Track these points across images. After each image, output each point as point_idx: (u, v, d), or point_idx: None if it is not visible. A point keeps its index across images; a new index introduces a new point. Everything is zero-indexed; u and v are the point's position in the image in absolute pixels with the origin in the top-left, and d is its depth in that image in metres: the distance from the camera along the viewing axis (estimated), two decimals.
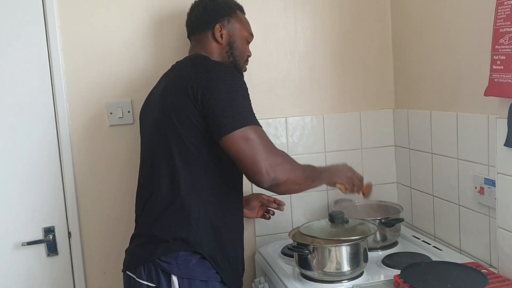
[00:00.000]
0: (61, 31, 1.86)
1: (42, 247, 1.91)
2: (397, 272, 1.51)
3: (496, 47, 1.39)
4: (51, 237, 1.90)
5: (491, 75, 1.42)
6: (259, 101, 1.79)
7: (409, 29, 2.02)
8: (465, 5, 1.66)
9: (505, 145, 1.40)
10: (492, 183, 1.55)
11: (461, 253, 1.78)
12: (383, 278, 1.61)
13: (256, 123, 1.45)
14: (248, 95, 1.49)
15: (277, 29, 2.03)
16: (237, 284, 1.62)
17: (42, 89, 1.86)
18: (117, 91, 1.93)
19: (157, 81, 1.93)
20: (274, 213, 1.97)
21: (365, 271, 1.64)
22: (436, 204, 1.92)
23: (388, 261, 1.71)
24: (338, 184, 1.62)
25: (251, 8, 1.85)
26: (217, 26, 1.63)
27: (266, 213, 1.96)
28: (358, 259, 1.59)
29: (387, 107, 2.19)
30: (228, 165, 1.52)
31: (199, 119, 1.46)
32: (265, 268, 1.86)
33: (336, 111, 2.13)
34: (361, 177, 1.67)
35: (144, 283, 1.49)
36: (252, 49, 1.76)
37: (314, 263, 1.58)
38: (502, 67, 1.37)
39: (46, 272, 1.92)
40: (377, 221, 1.83)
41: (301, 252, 1.59)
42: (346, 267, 1.58)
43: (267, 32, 2.03)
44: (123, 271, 1.58)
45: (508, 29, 1.35)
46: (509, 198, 1.42)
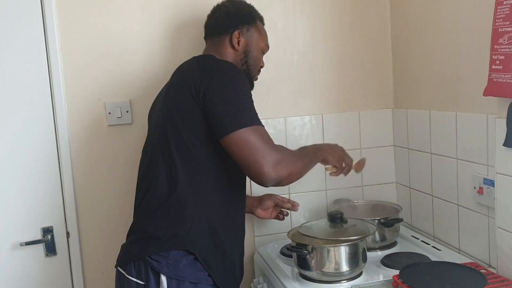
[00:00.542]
0: (60, 31, 1.86)
1: (41, 247, 1.91)
2: (396, 272, 1.51)
3: (495, 47, 1.39)
4: (49, 237, 1.89)
5: (490, 75, 1.42)
6: (258, 101, 1.77)
7: (408, 29, 2.02)
8: (464, 5, 1.65)
9: (504, 145, 1.40)
10: (491, 183, 1.55)
11: (460, 253, 1.78)
12: (382, 278, 1.60)
13: (258, 122, 1.45)
14: (251, 94, 1.50)
15: (276, 28, 2.02)
16: None
17: (40, 89, 1.86)
18: (116, 91, 1.93)
19: (156, 81, 1.93)
20: (288, 213, 1.96)
21: (364, 271, 1.64)
22: (435, 204, 1.92)
23: (387, 261, 1.71)
24: (330, 168, 1.64)
25: None
26: (235, 33, 1.64)
27: (280, 214, 1.95)
28: (357, 259, 1.59)
29: (386, 107, 2.18)
30: (229, 165, 1.51)
31: (201, 117, 1.45)
32: (264, 268, 1.86)
33: (335, 111, 2.13)
34: (351, 158, 1.69)
35: (133, 280, 1.49)
36: None
37: (313, 263, 1.58)
38: (501, 67, 1.37)
39: (44, 272, 1.91)
40: (376, 221, 1.83)
41: (300, 252, 1.59)
42: (345, 267, 1.58)
43: (266, 32, 2.03)
44: (115, 266, 1.58)
45: (507, 29, 1.35)
46: (508, 198, 1.42)
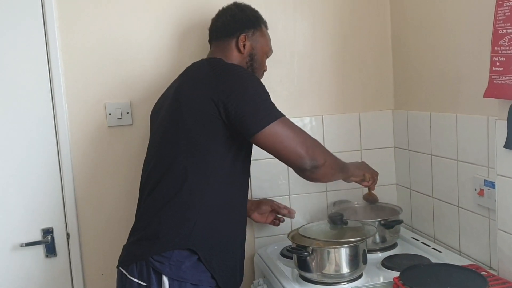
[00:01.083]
0: (60, 32, 1.86)
1: (41, 248, 1.91)
2: (397, 274, 1.51)
3: (496, 48, 1.39)
4: (49, 238, 1.89)
5: (490, 76, 1.41)
6: None
7: (408, 30, 2.02)
8: (465, 6, 1.65)
9: (504, 146, 1.40)
10: (492, 184, 1.54)
11: (460, 255, 1.78)
12: (382, 280, 1.60)
13: (282, 114, 1.50)
14: (266, 89, 1.53)
15: (276, 30, 2.02)
16: None
17: (41, 90, 1.86)
18: (116, 92, 1.93)
19: (156, 82, 1.93)
20: (284, 220, 1.97)
21: (364, 273, 1.64)
22: (436, 205, 1.91)
23: (387, 263, 1.71)
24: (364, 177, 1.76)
25: None
26: (241, 36, 1.66)
27: (275, 220, 1.96)
28: (357, 261, 1.58)
29: (387, 108, 2.18)
30: (235, 168, 1.53)
31: (218, 122, 1.47)
32: (264, 270, 1.85)
33: (335, 112, 2.13)
34: (376, 172, 1.81)
35: (135, 281, 1.49)
36: None
37: (313, 265, 1.58)
38: (502, 68, 1.37)
39: (44, 274, 1.91)
40: (377, 222, 1.83)
41: (300, 253, 1.59)
42: (345, 269, 1.57)
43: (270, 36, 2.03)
44: (117, 267, 1.58)
45: (507, 31, 1.35)
46: (509, 200, 1.42)
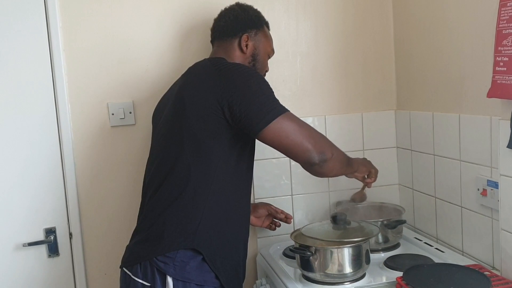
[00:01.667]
0: (63, 32, 1.86)
1: (43, 248, 1.91)
2: (399, 274, 1.51)
3: (499, 48, 1.39)
4: (52, 238, 1.89)
5: (494, 76, 1.41)
6: None
7: (411, 30, 2.02)
8: (468, 6, 1.65)
9: (508, 147, 1.40)
10: (495, 185, 1.54)
11: (463, 255, 1.77)
12: (385, 280, 1.60)
13: (287, 109, 1.49)
14: (269, 85, 1.53)
15: (279, 30, 2.02)
16: None
17: (43, 90, 1.86)
18: (119, 92, 1.93)
19: (159, 82, 1.93)
20: (280, 224, 1.98)
21: (367, 273, 1.64)
22: (439, 205, 1.91)
23: (390, 263, 1.70)
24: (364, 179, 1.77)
25: None
26: (244, 36, 1.66)
27: (272, 224, 1.97)
28: (360, 261, 1.58)
29: (389, 109, 2.18)
30: (239, 169, 1.54)
31: (223, 122, 1.47)
32: (266, 270, 1.85)
33: (338, 113, 2.12)
34: (377, 169, 1.80)
35: (139, 282, 1.49)
36: None
37: (316, 264, 1.58)
38: (505, 68, 1.37)
39: (47, 273, 1.91)
40: (379, 222, 1.83)
41: (303, 253, 1.59)
42: (348, 269, 1.57)
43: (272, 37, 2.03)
44: (121, 267, 1.58)
45: (511, 31, 1.35)
46: None
